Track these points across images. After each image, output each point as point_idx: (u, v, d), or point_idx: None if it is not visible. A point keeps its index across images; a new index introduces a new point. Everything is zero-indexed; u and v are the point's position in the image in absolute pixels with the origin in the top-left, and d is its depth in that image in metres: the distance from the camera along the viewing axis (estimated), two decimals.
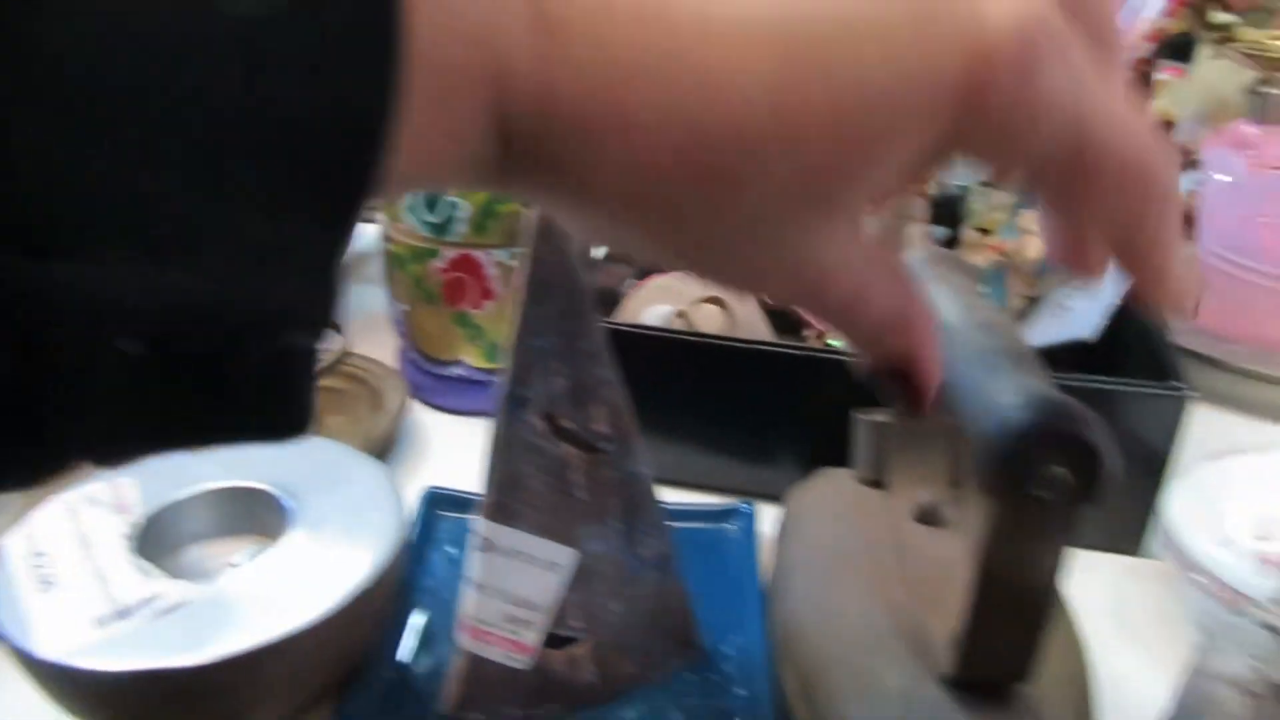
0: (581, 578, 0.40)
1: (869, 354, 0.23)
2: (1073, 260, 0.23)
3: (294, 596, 0.38)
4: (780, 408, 0.54)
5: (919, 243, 0.62)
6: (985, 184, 0.65)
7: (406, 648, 0.44)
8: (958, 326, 0.36)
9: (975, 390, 0.31)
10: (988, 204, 0.68)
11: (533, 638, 0.40)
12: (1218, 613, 0.43)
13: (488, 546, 0.38)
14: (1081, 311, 0.60)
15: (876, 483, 0.46)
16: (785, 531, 0.46)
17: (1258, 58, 0.80)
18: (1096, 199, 0.20)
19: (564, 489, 0.39)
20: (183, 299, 0.14)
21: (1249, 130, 0.74)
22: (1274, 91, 0.81)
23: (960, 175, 0.69)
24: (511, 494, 0.38)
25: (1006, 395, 0.30)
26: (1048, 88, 0.18)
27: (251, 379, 0.16)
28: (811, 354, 0.53)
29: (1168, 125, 1.14)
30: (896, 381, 0.23)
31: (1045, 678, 0.34)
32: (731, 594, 0.47)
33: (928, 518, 0.43)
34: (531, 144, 0.18)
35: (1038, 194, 0.21)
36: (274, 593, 0.38)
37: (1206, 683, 0.33)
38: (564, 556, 0.39)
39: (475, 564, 0.39)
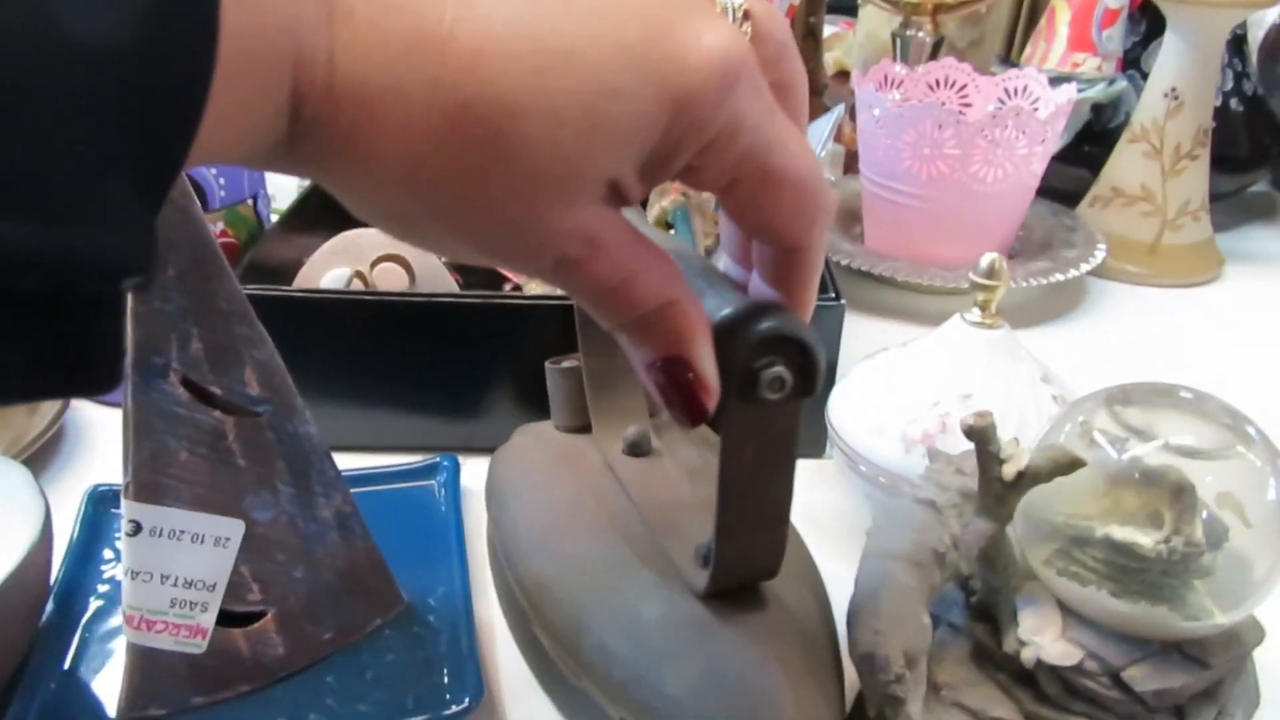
0: (254, 548, 0.38)
1: (639, 344, 0.25)
2: (741, 260, 0.29)
3: None
4: (472, 360, 0.54)
5: None
6: None
7: (73, 655, 0.40)
8: None
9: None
10: None
11: (207, 619, 0.38)
12: (881, 497, 0.48)
13: (137, 530, 0.36)
14: None
15: (580, 428, 0.47)
16: (498, 497, 0.46)
17: (896, 4, 0.88)
18: (774, 209, 0.25)
19: (220, 458, 0.37)
20: (5, 250, 0.15)
21: (893, 69, 0.81)
22: (914, 34, 0.89)
23: None
24: (159, 470, 0.36)
25: (716, 310, 0.30)
26: (743, 110, 0.23)
27: (69, 330, 0.17)
28: (497, 302, 0.53)
29: (843, 74, 1.23)
30: (672, 379, 0.26)
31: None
32: (435, 547, 0.47)
33: (636, 449, 0.44)
34: (320, 122, 0.21)
35: (727, 205, 0.26)
36: None
37: (878, 562, 0.36)
38: (230, 529, 0.38)
39: (127, 550, 0.36)
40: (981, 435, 0.33)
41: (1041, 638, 0.35)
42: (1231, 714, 0.37)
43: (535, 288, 0.68)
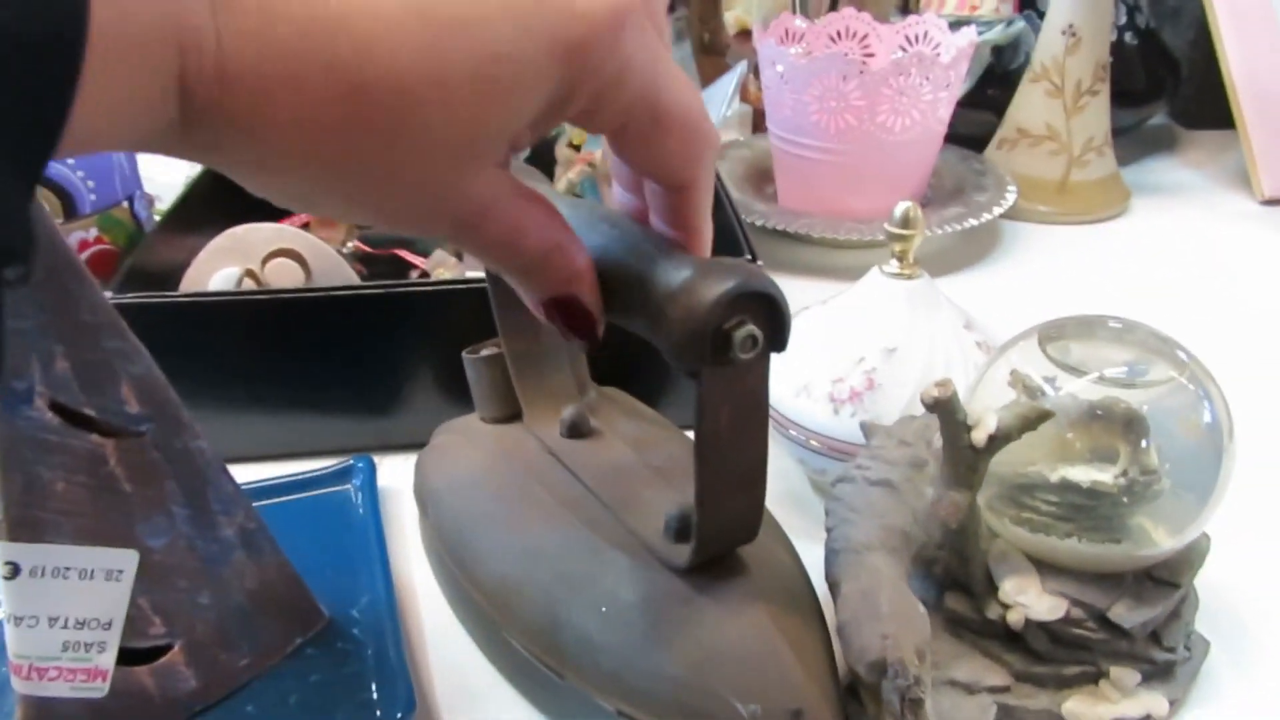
0: (152, 577, 0.35)
1: (532, 288, 0.27)
2: (632, 189, 0.30)
3: None
4: (381, 355, 0.51)
5: None
6: None
7: None
8: (581, 228, 0.35)
9: (638, 281, 0.30)
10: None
11: (106, 660, 0.35)
12: (817, 460, 0.47)
13: (15, 572, 0.33)
14: None
15: (508, 418, 0.45)
16: (434, 500, 0.43)
17: None
18: (665, 147, 0.26)
19: (103, 484, 0.34)
20: None
21: (794, 23, 0.80)
22: None
23: None
24: (34, 504, 0.33)
25: (676, 275, 0.29)
26: (631, 54, 0.23)
27: None
28: (400, 291, 0.50)
29: (745, 33, 1.22)
30: (564, 313, 0.28)
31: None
32: (355, 555, 0.45)
33: (576, 430, 0.42)
34: (213, 107, 0.21)
35: (618, 146, 0.27)
36: None
37: (853, 557, 0.34)
38: (122, 560, 0.35)
39: (7, 595, 0.33)
40: (946, 406, 0.32)
41: (1025, 596, 0.34)
42: (1189, 621, 0.37)
43: (443, 274, 0.65)
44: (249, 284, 0.50)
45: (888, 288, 0.46)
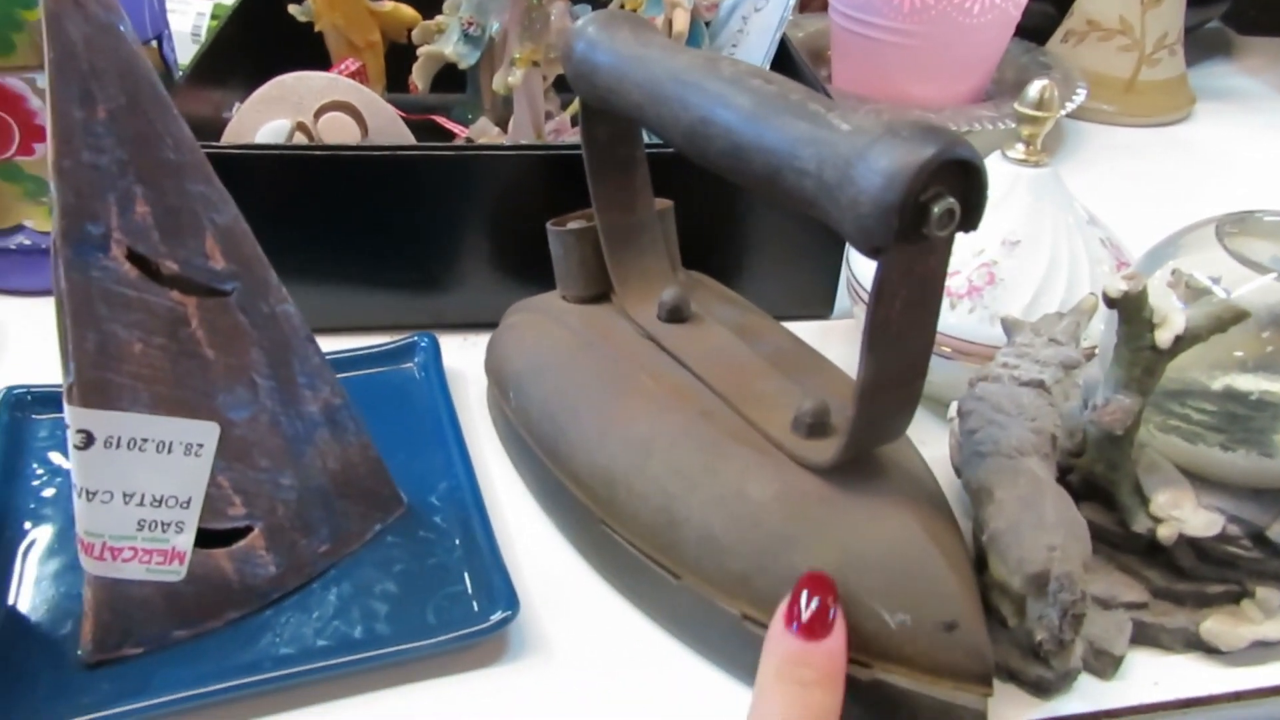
0: (233, 454, 0.32)
1: None
2: None
3: None
4: (442, 224, 0.47)
5: (560, 21, 0.55)
6: None
7: (15, 590, 0.34)
8: (723, 83, 0.30)
9: (807, 144, 0.27)
10: None
11: (183, 541, 0.32)
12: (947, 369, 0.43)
13: (89, 442, 0.29)
14: None
15: (594, 298, 0.41)
16: (516, 384, 0.40)
17: None
18: None
19: (183, 348, 0.30)
20: None
21: None
22: None
23: None
24: (108, 367, 0.29)
25: (859, 138, 0.25)
26: None
27: None
28: (472, 154, 0.45)
29: None
30: None
31: None
32: (427, 437, 0.41)
33: (677, 314, 0.39)
34: None
35: None
36: None
37: (1006, 462, 0.32)
38: (202, 433, 0.31)
39: (78, 466, 0.29)
40: (1134, 302, 0.29)
41: (1180, 511, 0.32)
42: None
43: (486, 142, 0.60)
44: (300, 138, 0.46)
45: (1011, 175, 0.42)
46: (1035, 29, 0.82)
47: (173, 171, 0.28)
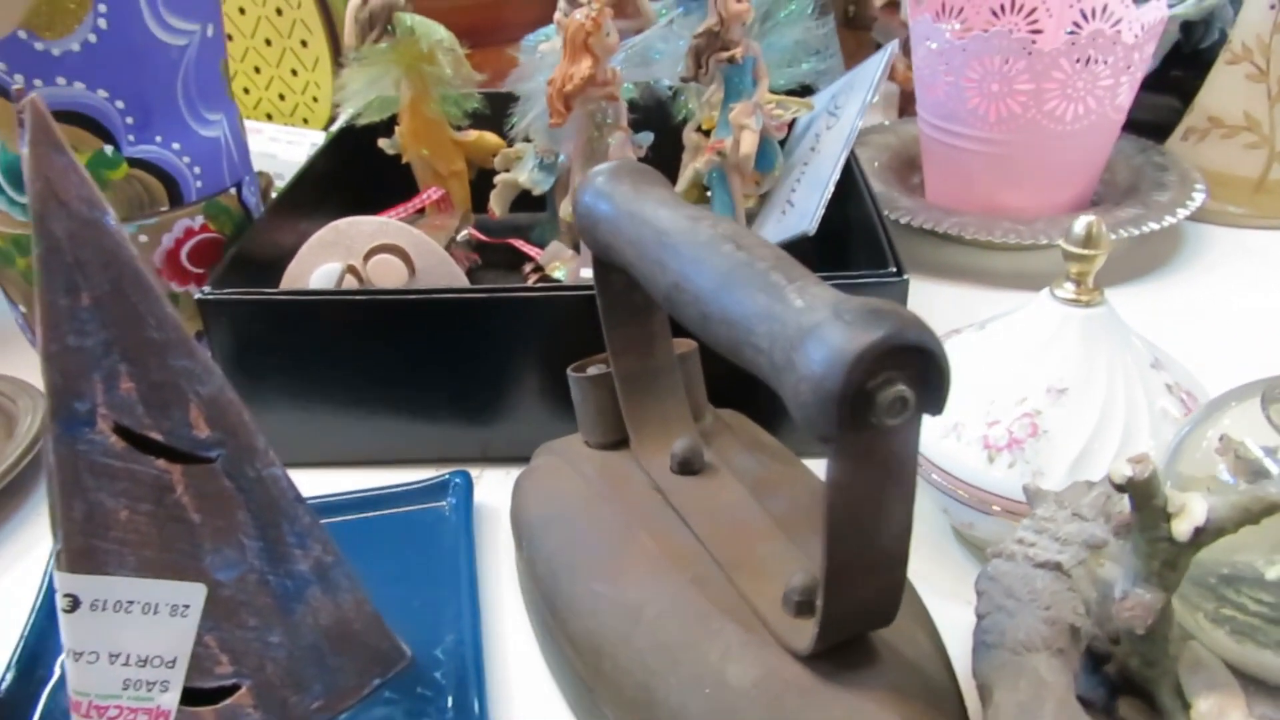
0: (220, 613, 0.33)
1: None
2: None
3: None
4: (485, 362, 0.48)
5: (619, 151, 0.56)
6: (690, 79, 0.59)
7: None
8: (698, 247, 0.30)
9: (763, 319, 0.26)
10: (702, 101, 0.63)
11: (169, 699, 0.32)
12: (964, 512, 0.40)
13: (75, 605, 0.30)
14: (801, 205, 0.56)
15: (614, 444, 0.41)
16: (528, 531, 0.39)
17: None
18: None
19: (169, 514, 0.31)
20: None
21: None
22: None
23: (667, 74, 0.64)
24: (95, 534, 0.30)
25: (807, 316, 0.24)
26: None
27: None
28: (508, 296, 0.46)
29: (893, 4, 1.13)
30: None
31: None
32: (443, 585, 0.41)
33: (688, 467, 0.38)
34: None
35: None
36: None
37: (1009, 658, 0.29)
38: (188, 594, 0.32)
39: (66, 629, 0.31)
40: (1144, 489, 0.26)
41: None
42: None
43: (558, 268, 0.61)
44: (350, 280, 0.48)
45: (1059, 315, 0.39)
46: (1157, 124, 0.77)
47: (156, 349, 0.30)
